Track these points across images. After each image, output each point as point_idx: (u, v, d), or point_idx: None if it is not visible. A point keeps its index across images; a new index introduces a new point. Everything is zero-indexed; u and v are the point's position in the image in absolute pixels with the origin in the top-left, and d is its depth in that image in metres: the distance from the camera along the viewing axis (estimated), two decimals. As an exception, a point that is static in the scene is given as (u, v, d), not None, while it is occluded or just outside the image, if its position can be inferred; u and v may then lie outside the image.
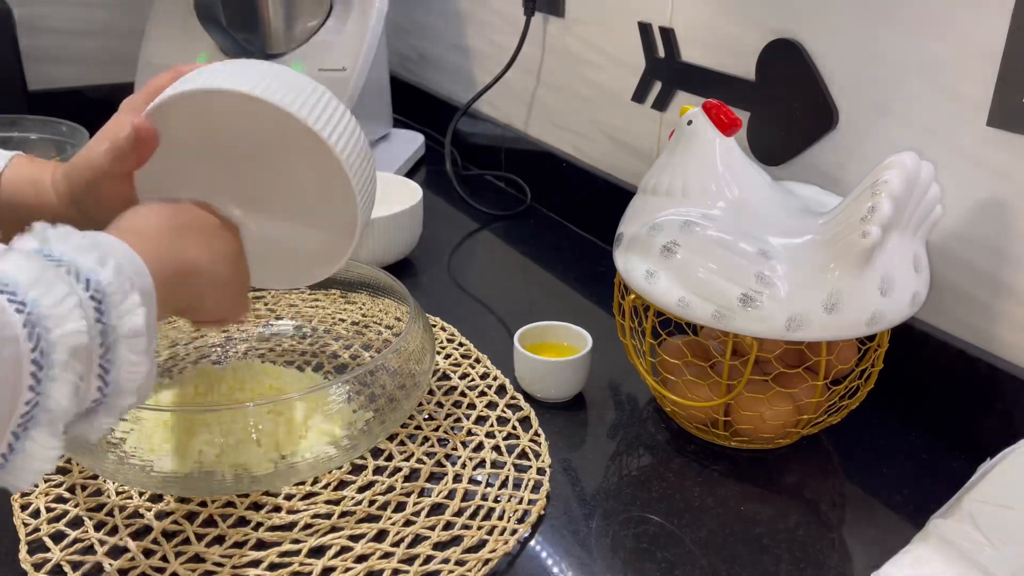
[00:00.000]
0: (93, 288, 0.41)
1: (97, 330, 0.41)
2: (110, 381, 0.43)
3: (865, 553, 0.59)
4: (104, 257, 0.43)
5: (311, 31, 1.22)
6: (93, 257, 0.42)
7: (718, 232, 0.62)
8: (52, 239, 0.43)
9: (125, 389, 0.44)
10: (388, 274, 0.76)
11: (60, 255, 0.41)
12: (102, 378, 0.42)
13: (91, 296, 0.41)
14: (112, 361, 0.42)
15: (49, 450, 0.40)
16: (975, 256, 0.67)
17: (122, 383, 0.43)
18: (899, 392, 0.72)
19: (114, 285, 0.42)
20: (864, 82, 0.73)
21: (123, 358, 0.43)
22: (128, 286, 0.43)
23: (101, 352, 0.42)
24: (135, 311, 0.43)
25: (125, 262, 0.44)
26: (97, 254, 0.43)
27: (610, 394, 0.77)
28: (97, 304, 0.41)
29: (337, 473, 0.64)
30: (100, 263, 0.42)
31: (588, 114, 1.10)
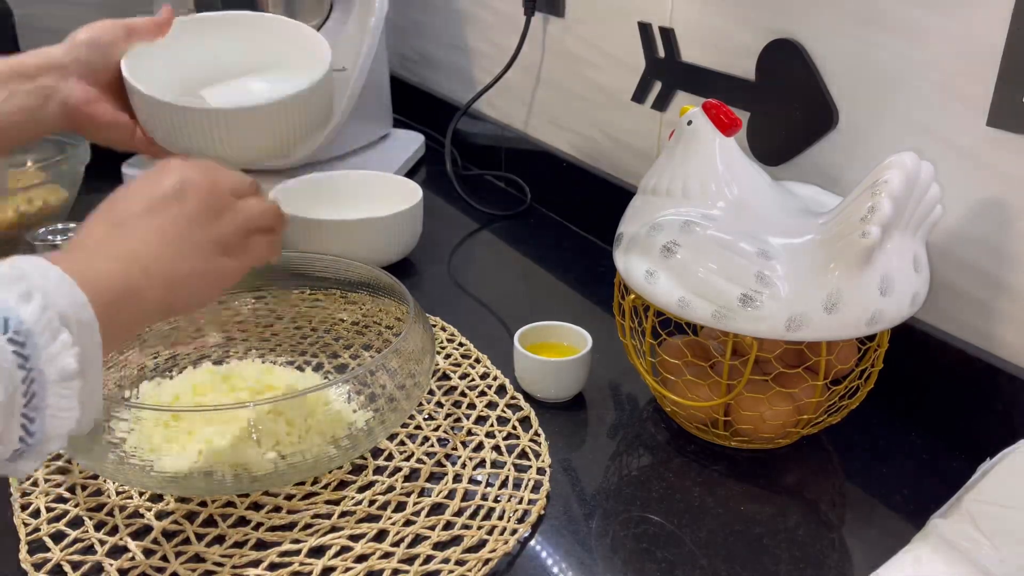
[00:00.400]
0: (14, 330, 0.37)
1: (20, 377, 0.37)
2: (35, 431, 0.39)
3: (865, 553, 0.59)
4: (29, 291, 0.38)
5: (311, 31, 1.22)
6: (16, 292, 0.38)
7: (718, 232, 0.62)
8: None
9: (53, 436, 0.40)
10: (388, 274, 0.76)
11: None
12: (25, 428, 0.38)
13: (11, 339, 0.37)
14: (39, 408, 0.38)
15: None
16: (975, 256, 0.67)
17: (49, 431, 0.39)
18: (899, 392, 0.72)
19: (39, 324, 0.38)
20: (864, 82, 0.73)
21: (51, 405, 0.39)
22: (57, 323, 0.39)
23: (25, 401, 0.38)
24: (65, 352, 0.39)
25: (56, 294, 0.40)
26: (22, 288, 0.38)
27: (610, 394, 0.77)
28: (19, 348, 0.37)
29: (337, 473, 0.64)
30: (24, 299, 0.38)
31: (588, 114, 1.10)
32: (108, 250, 0.46)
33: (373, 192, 1.06)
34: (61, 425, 0.40)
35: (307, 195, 1.03)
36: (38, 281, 0.39)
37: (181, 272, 0.49)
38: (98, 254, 0.46)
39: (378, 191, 1.05)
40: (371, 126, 1.33)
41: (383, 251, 0.96)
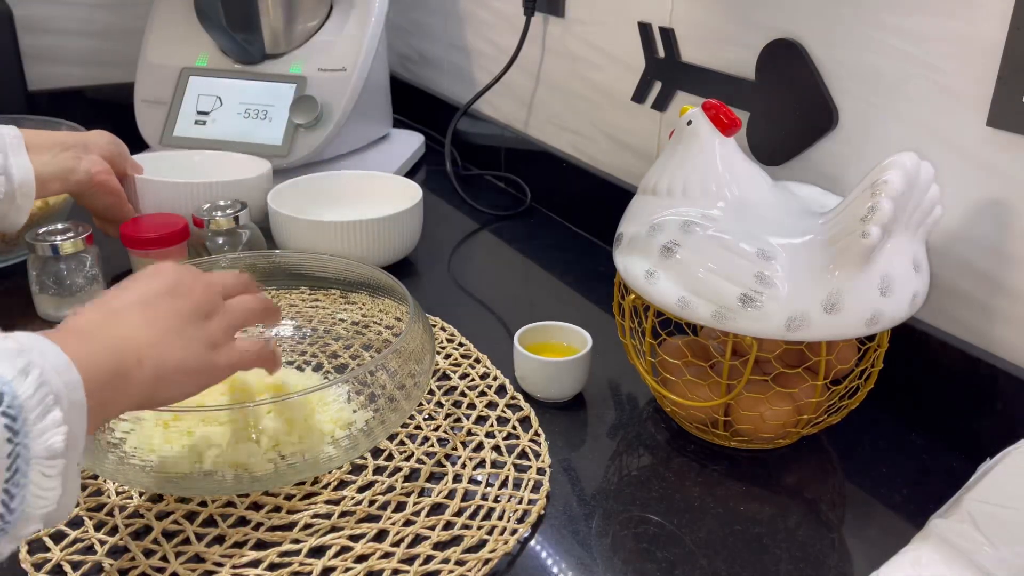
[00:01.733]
0: (7, 404, 0.37)
1: (5, 452, 0.37)
2: (14, 508, 0.38)
3: (865, 553, 0.59)
4: (28, 367, 0.39)
5: (311, 31, 1.22)
6: (15, 367, 0.38)
7: (718, 232, 0.62)
8: None
9: (31, 516, 0.39)
10: (388, 274, 0.76)
11: None
12: (5, 504, 0.38)
13: (3, 412, 0.37)
14: (20, 485, 0.38)
15: None
16: (975, 256, 0.67)
17: (28, 510, 0.39)
18: (899, 392, 0.72)
19: (33, 400, 0.38)
20: (864, 82, 0.73)
21: (33, 482, 0.38)
22: (51, 401, 0.39)
23: (7, 476, 0.37)
24: (54, 431, 0.39)
25: (53, 372, 0.40)
26: (21, 363, 0.39)
27: (610, 394, 0.77)
28: (10, 422, 0.37)
29: (337, 473, 0.64)
30: (23, 373, 0.38)
31: (588, 114, 1.10)
32: (103, 333, 0.47)
33: (373, 192, 1.06)
34: (41, 504, 0.39)
35: (307, 195, 1.03)
36: (36, 358, 0.40)
37: (171, 362, 0.50)
38: (93, 337, 0.46)
39: (378, 191, 1.05)
40: (371, 126, 1.33)
41: (383, 251, 0.96)
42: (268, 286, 0.87)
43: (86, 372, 0.42)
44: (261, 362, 0.58)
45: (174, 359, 0.50)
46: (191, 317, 0.52)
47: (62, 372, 0.41)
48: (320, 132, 1.15)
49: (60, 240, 0.84)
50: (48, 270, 0.85)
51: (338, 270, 0.81)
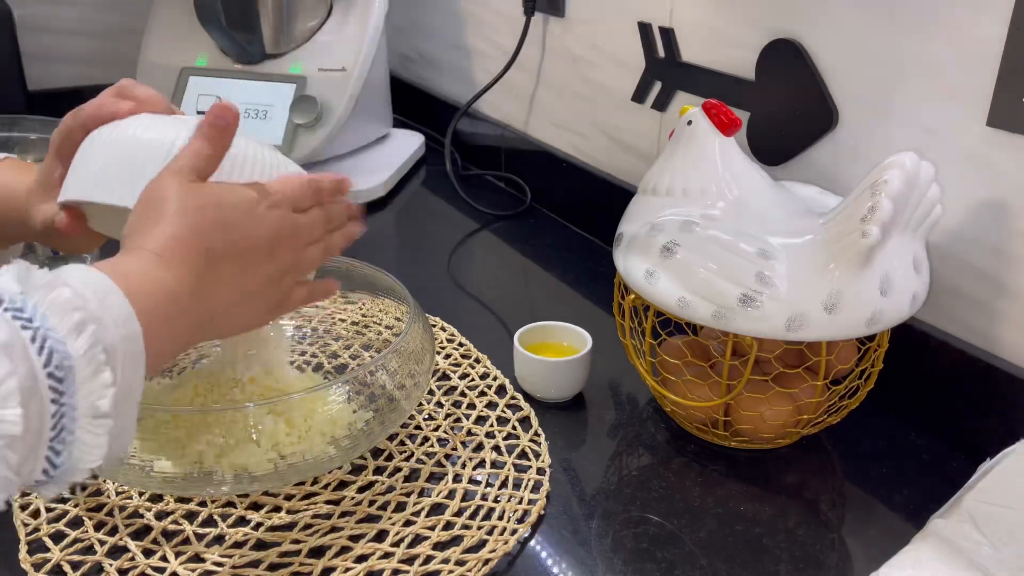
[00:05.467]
0: (56, 364, 0.36)
1: (51, 412, 0.37)
2: (60, 463, 0.38)
3: (865, 553, 0.59)
4: (84, 322, 0.38)
5: (311, 31, 1.22)
6: (71, 322, 0.38)
7: (718, 232, 0.62)
8: (34, 288, 0.38)
9: (77, 470, 0.39)
10: (388, 274, 0.76)
11: (32, 313, 0.37)
12: (50, 460, 0.38)
13: (51, 373, 0.36)
14: (66, 442, 0.38)
15: None
16: (975, 256, 0.67)
17: (73, 465, 0.39)
18: (899, 392, 0.72)
19: (84, 360, 0.37)
20: (864, 82, 0.73)
21: (80, 440, 0.38)
22: (102, 359, 0.38)
23: (52, 435, 0.37)
24: (102, 392, 0.38)
25: (111, 326, 0.39)
26: (77, 317, 0.38)
27: (610, 394, 0.77)
28: (57, 383, 0.37)
29: (337, 473, 0.64)
30: (77, 330, 0.38)
31: (588, 114, 1.10)
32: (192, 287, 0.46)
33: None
34: (86, 460, 0.39)
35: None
36: (95, 310, 0.39)
37: (237, 325, 0.52)
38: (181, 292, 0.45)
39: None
40: (371, 126, 1.33)
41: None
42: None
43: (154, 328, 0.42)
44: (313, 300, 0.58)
45: (240, 323, 0.52)
46: (272, 281, 0.52)
47: (122, 324, 0.40)
48: (320, 132, 1.15)
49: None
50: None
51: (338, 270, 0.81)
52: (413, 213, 1.21)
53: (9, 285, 0.38)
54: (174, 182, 0.48)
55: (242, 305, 0.50)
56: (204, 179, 0.50)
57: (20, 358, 0.36)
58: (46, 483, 0.39)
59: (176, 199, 0.47)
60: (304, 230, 0.53)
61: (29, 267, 0.39)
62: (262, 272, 0.51)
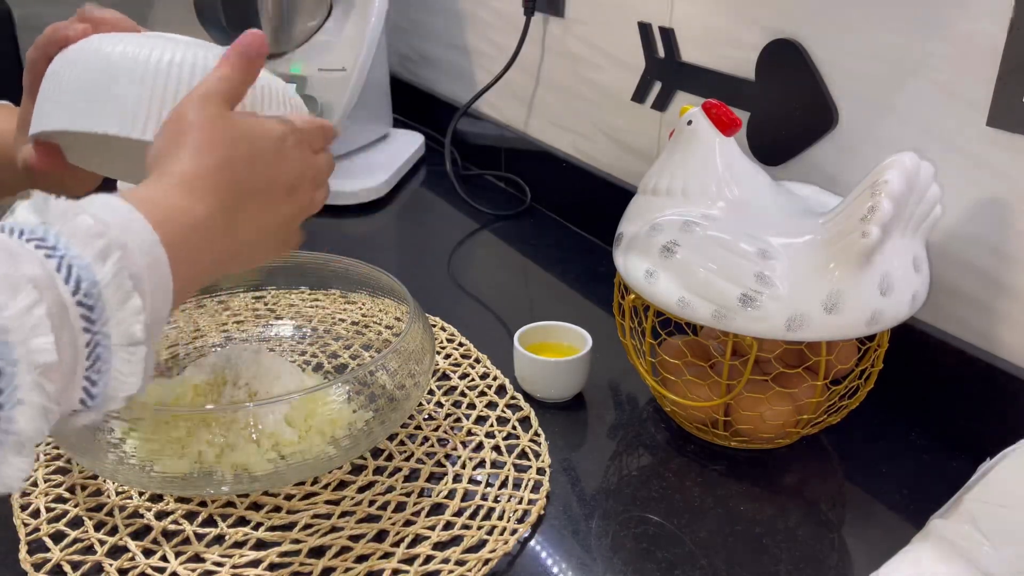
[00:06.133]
0: (84, 292, 0.36)
1: (84, 341, 0.36)
2: (96, 393, 0.38)
3: (865, 553, 0.59)
4: (108, 248, 0.37)
5: (311, 31, 1.22)
6: (94, 249, 0.37)
7: (718, 232, 0.62)
8: (54, 217, 0.37)
9: (113, 398, 0.39)
10: (388, 274, 0.76)
11: (55, 241, 0.36)
12: (87, 391, 0.37)
13: (80, 301, 0.36)
14: (102, 372, 0.38)
15: (16, 471, 0.35)
16: (975, 256, 0.67)
17: (110, 393, 0.39)
18: (899, 392, 0.72)
19: (111, 287, 0.37)
20: (864, 82, 0.73)
21: (116, 368, 0.38)
22: (130, 286, 0.37)
23: (88, 364, 0.37)
24: (133, 319, 0.38)
25: (136, 252, 0.38)
26: (100, 244, 0.37)
27: (610, 394, 0.77)
28: (87, 311, 0.36)
29: (337, 473, 0.64)
30: (101, 257, 0.37)
31: (588, 114, 1.10)
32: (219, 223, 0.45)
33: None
34: (123, 388, 0.39)
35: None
36: (118, 236, 0.38)
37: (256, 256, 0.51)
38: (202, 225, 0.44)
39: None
40: (371, 126, 1.33)
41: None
42: (268, 286, 0.87)
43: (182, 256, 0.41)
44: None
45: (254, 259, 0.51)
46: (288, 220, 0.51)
47: (148, 251, 0.39)
48: (320, 132, 1.15)
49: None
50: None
51: (338, 270, 0.81)
52: (413, 213, 1.21)
53: (27, 216, 0.37)
54: (206, 109, 0.47)
55: (260, 242, 0.50)
56: (232, 107, 0.48)
57: (46, 287, 0.35)
58: (83, 411, 0.39)
59: (208, 127, 0.46)
60: (320, 172, 0.53)
61: (46, 197, 0.38)
62: (282, 211, 0.50)
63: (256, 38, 0.49)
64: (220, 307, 0.85)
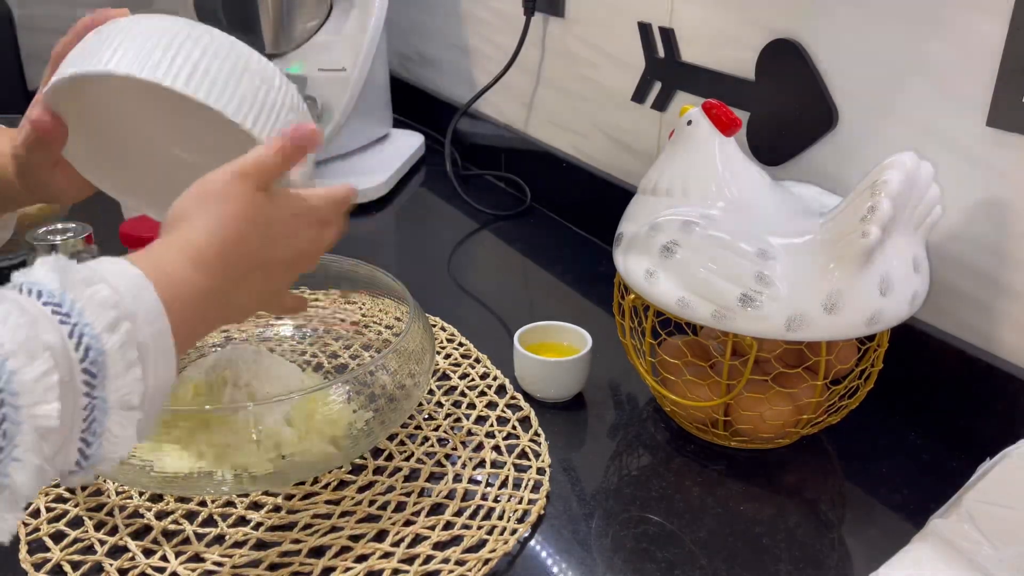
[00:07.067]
0: (91, 360, 0.37)
1: (82, 404, 0.38)
2: (91, 454, 0.39)
3: (865, 553, 0.59)
4: (118, 320, 0.39)
5: (311, 31, 1.22)
6: (106, 320, 0.38)
7: (718, 232, 0.62)
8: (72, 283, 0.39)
9: (106, 459, 0.40)
10: (388, 274, 0.76)
11: (71, 308, 0.38)
12: (82, 452, 0.39)
13: (86, 368, 0.37)
14: (96, 433, 0.39)
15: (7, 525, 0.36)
16: (975, 256, 0.67)
17: (104, 455, 0.40)
18: (899, 392, 0.72)
19: (116, 356, 0.38)
20: (864, 82, 0.73)
21: (109, 431, 0.39)
22: (134, 356, 0.39)
23: (84, 427, 0.38)
24: (133, 387, 0.39)
25: (144, 323, 0.40)
26: (112, 316, 0.39)
27: (610, 394, 0.77)
28: (90, 378, 0.38)
29: (337, 473, 0.64)
30: (111, 328, 0.38)
31: (588, 114, 1.10)
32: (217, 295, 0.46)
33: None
34: (115, 450, 0.40)
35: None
36: (130, 307, 0.40)
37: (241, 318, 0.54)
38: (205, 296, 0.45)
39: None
40: (371, 126, 1.33)
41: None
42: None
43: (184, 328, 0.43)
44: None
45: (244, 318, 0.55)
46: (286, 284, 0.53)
47: (153, 321, 0.41)
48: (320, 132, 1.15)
49: (60, 240, 0.84)
50: (48, 270, 0.84)
51: (338, 270, 0.81)
52: (413, 213, 1.21)
53: (47, 278, 0.38)
54: (241, 187, 0.48)
55: (252, 307, 0.53)
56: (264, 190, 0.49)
57: (61, 355, 0.37)
58: (76, 473, 0.40)
59: (234, 203, 0.47)
60: (326, 245, 0.54)
61: (66, 261, 0.40)
62: (279, 280, 0.52)
63: (313, 136, 0.51)
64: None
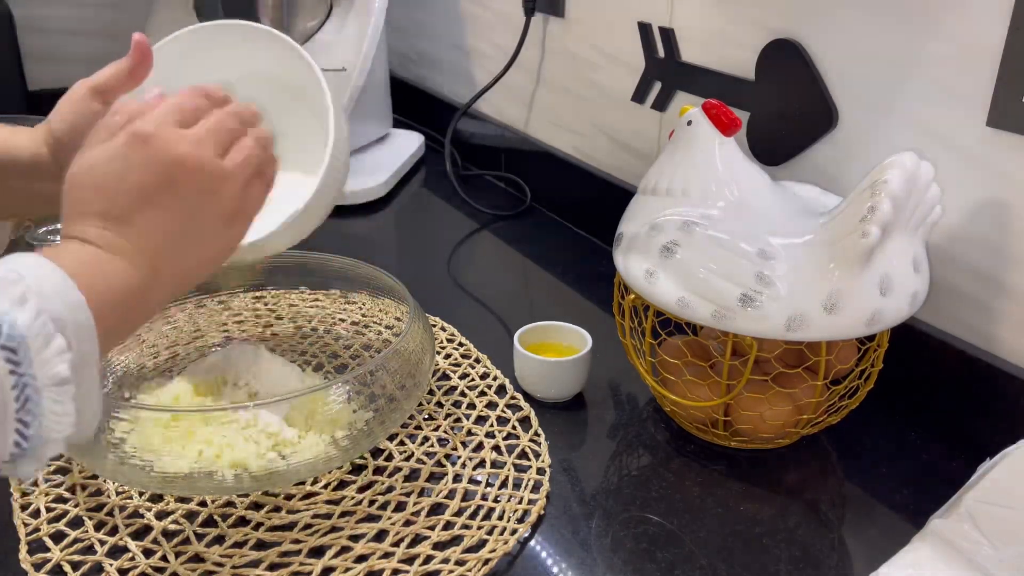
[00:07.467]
0: (6, 336, 0.37)
1: (10, 383, 0.37)
2: (30, 435, 0.38)
3: (865, 553, 0.59)
4: (24, 295, 0.38)
5: (311, 31, 1.22)
6: (11, 296, 0.38)
7: (718, 232, 0.62)
8: None
9: (50, 440, 0.39)
10: (388, 274, 0.76)
11: None
12: (20, 432, 0.38)
13: (2, 345, 0.37)
14: (33, 413, 0.38)
15: None
16: (975, 256, 0.67)
17: (45, 435, 0.39)
18: (899, 392, 0.72)
19: (32, 329, 0.37)
20: (864, 82, 0.73)
21: (46, 409, 0.38)
22: (51, 328, 0.38)
23: (17, 407, 0.37)
24: (58, 358, 0.38)
25: (52, 297, 0.39)
26: (17, 291, 0.38)
27: (610, 394, 0.77)
28: (11, 354, 0.37)
29: (337, 473, 0.64)
30: (19, 302, 0.38)
31: (588, 114, 1.10)
32: (112, 247, 0.45)
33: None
34: (58, 429, 0.40)
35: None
36: (34, 284, 0.39)
37: (189, 264, 0.49)
38: (101, 253, 0.45)
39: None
40: (371, 126, 1.33)
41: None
42: (268, 286, 0.87)
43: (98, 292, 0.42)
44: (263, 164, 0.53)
45: (192, 258, 0.49)
46: (198, 205, 0.48)
47: (63, 296, 0.40)
48: (320, 132, 1.15)
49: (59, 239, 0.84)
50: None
51: (338, 270, 0.81)
52: (413, 213, 1.21)
53: None
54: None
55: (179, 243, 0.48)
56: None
57: None
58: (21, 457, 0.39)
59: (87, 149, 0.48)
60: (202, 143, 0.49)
61: None
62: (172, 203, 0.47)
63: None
64: (220, 307, 0.85)
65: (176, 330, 0.81)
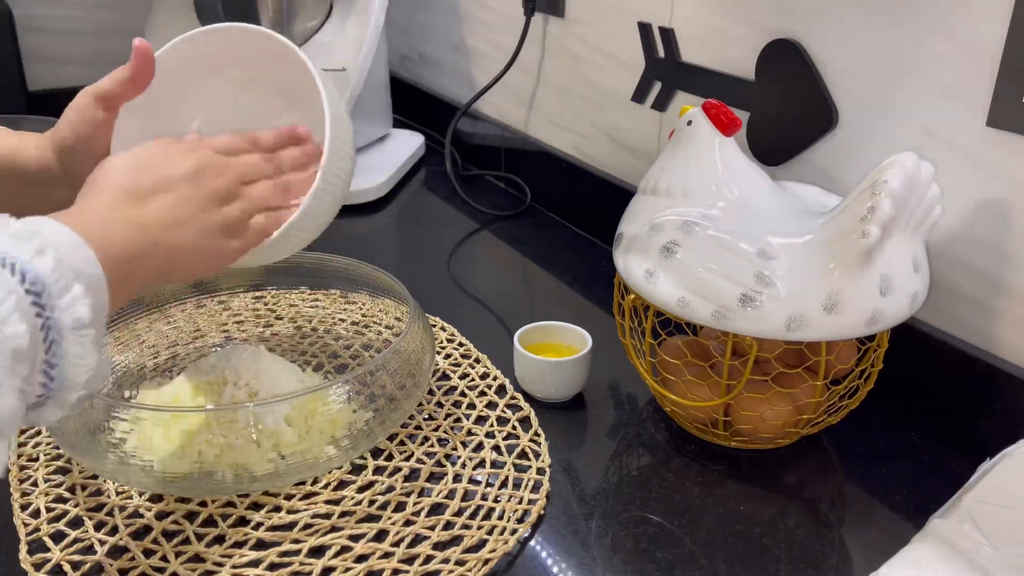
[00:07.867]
0: (30, 281, 0.39)
1: (38, 325, 0.39)
2: (56, 376, 0.41)
3: (865, 553, 0.59)
4: (43, 247, 0.41)
5: (311, 31, 1.22)
6: (30, 247, 0.40)
7: (718, 232, 0.62)
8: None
9: (73, 383, 0.42)
10: (388, 274, 0.76)
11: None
12: (47, 374, 0.41)
13: (28, 290, 0.39)
14: (58, 355, 0.41)
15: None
16: (975, 256, 0.67)
17: (69, 377, 0.42)
18: (899, 392, 0.72)
19: (53, 276, 0.40)
20: (864, 82, 0.73)
21: (70, 352, 0.41)
22: (71, 276, 0.41)
23: (45, 348, 0.40)
24: (79, 302, 0.41)
25: (67, 250, 0.42)
26: (36, 243, 0.41)
27: (610, 394, 0.77)
28: (36, 298, 0.39)
29: (337, 473, 0.64)
30: (38, 252, 0.40)
31: (588, 114, 1.10)
32: (120, 217, 0.49)
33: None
34: (80, 372, 0.42)
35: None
36: (51, 237, 0.42)
37: (184, 247, 0.52)
38: (110, 219, 0.48)
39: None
40: (371, 126, 1.33)
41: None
42: (268, 286, 0.87)
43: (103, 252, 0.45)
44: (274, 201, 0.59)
45: (188, 243, 0.53)
46: (210, 203, 0.54)
47: (77, 250, 0.43)
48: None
49: None
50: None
51: (338, 270, 0.81)
52: (413, 213, 1.21)
53: None
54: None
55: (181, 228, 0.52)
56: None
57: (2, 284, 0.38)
58: (46, 402, 0.41)
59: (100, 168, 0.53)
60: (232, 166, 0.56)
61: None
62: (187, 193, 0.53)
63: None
64: (220, 307, 0.85)
65: (176, 330, 0.81)
